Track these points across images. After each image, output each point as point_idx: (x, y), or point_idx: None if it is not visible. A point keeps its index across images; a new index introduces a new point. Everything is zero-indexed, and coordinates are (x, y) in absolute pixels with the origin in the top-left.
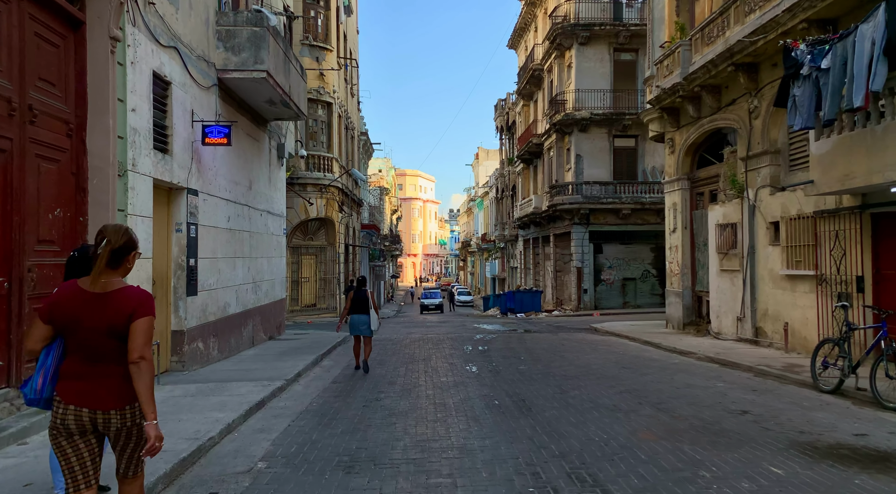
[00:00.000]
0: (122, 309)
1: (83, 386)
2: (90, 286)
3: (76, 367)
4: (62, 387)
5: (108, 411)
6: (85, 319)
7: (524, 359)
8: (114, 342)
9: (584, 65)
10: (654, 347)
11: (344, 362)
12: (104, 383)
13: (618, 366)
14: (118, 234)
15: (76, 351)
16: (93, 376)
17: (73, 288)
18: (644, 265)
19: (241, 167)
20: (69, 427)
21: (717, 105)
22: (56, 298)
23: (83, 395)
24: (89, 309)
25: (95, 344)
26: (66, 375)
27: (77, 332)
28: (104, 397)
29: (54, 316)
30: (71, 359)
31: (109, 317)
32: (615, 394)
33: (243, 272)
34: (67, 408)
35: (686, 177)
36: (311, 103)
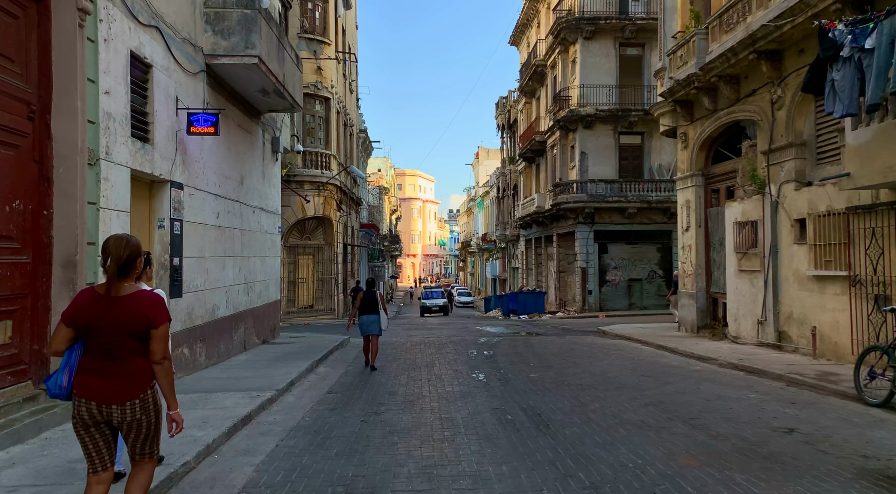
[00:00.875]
0: (136, 312)
1: (96, 382)
2: (103, 291)
3: (91, 364)
4: (78, 382)
5: (112, 405)
6: (102, 322)
7: (534, 366)
8: (128, 342)
9: (589, 60)
10: (670, 352)
11: (341, 368)
12: (114, 380)
13: (636, 374)
14: (119, 249)
15: (93, 349)
16: (105, 373)
17: (90, 294)
18: (650, 265)
19: (232, 160)
20: (84, 418)
21: (736, 96)
22: (76, 304)
23: (95, 391)
24: (105, 311)
25: (110, 344)
26: (82, 371)
27: (95, 333)
28: (112, 393)
29: (76, 319)
30: (87, 357)
31: (124, 320)
32: (640, 407)
33: (234, 272)
34: (81, 401)
35: (700, 173)
36: (308, 98)
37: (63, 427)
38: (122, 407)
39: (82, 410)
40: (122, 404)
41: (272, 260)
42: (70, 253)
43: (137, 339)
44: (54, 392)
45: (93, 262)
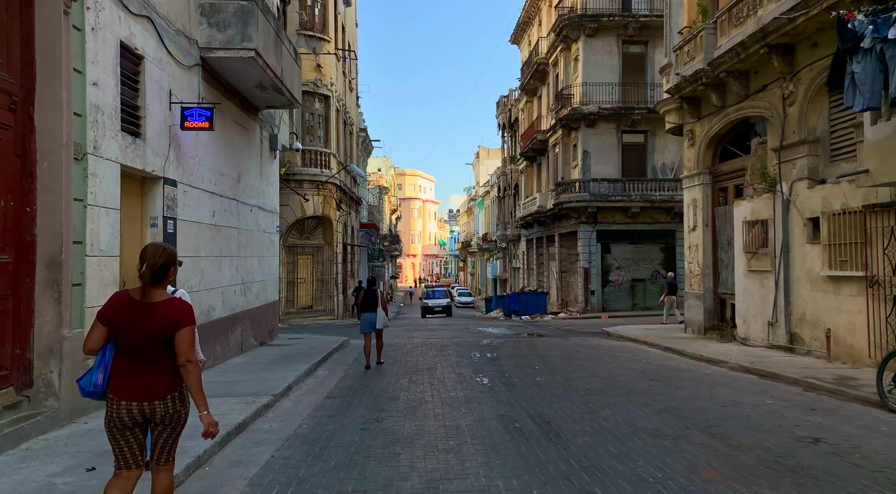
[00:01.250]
0: (166, 318)
1: (132, 383)
2: (138, 297)
3: (125, 368)
4: (114, 386)
5: (155, 401)
6: (134, 325)
7: (539, 369)
8: (158, 345)
9: (592, 58)
10: (678, 354)
11: (341, 371)
12: (150, 379)
13: (646, 378)
14: (156, 256)
15: (125, 352)
16: (140, 374)
17: (125, 297)
18: (654, 265)
19: (229, 157)
20: (123, 420)
21: (745, 92)
22: (110, 305)
23: (133, 391)
24: (138, 316)
25: (142, 346)
26: (117, 375)
27: (127, 336)
28: (150, 390)
29: (110, 320)
30: (120, 360)
31: (155, 325)
32: (653, 414)
33: (230, 272)
34: (120, 404)
35: (707, 171)
36: (307, 96)
37: (46, 437)
38: (164, 400)
39: (122, 412)
40: (163, 398)
41: (270, 259)
42: (55, 253)
43: (166, 343)
44: (88, 390)
45: (79, 263)
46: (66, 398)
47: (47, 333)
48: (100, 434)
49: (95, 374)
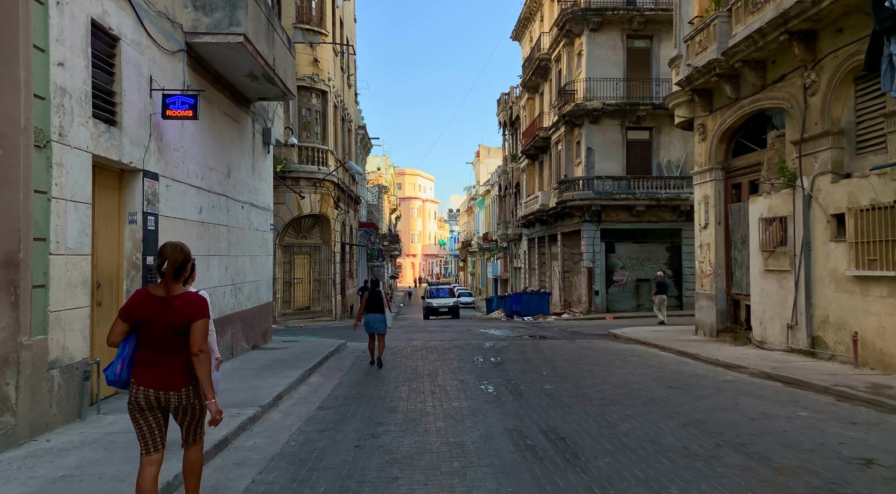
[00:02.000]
0: (183, 311)
1: (152, 372)
2: (158, 292)
3: (146, 356)
4: (136, 373)
5: (170, 391)
6: (154, 318)
7: (547, 375)
8: (176, 337)
9: (596, 52)
10: (692, 358)
11: (336, 378)
12: (168, 370)
13: (662, 385)
14: (175, 254)
15: (146, 343)
16: (159, 364)
17: (145, 294)
18: (659, 265)
19: (218, 151)
20: (140, 403)
21: (762, 83)
22: (132, 302)
23: (152, 379)
24: (157, 310)
25: (161, 337)
26: (139, 363)
27: (147, 328)
28: (168, 380)
29: (131, 315)
30: (142, 350)
31: (173, 317)
32: (678, 429)
33: (220, 272)
34: (139, 389)
35: (720, 167)
36: (304, 91)
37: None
38: (179, 392)
39: (139, 396)
40: (178, 390)
41: (264, 259)
42: (11, 251)
43: (182, 334)
44: (112, 379)
45: (42, 262)
46: (24, 413)
47: (2, 341)
48: (62, 454)
49: (116, 365)
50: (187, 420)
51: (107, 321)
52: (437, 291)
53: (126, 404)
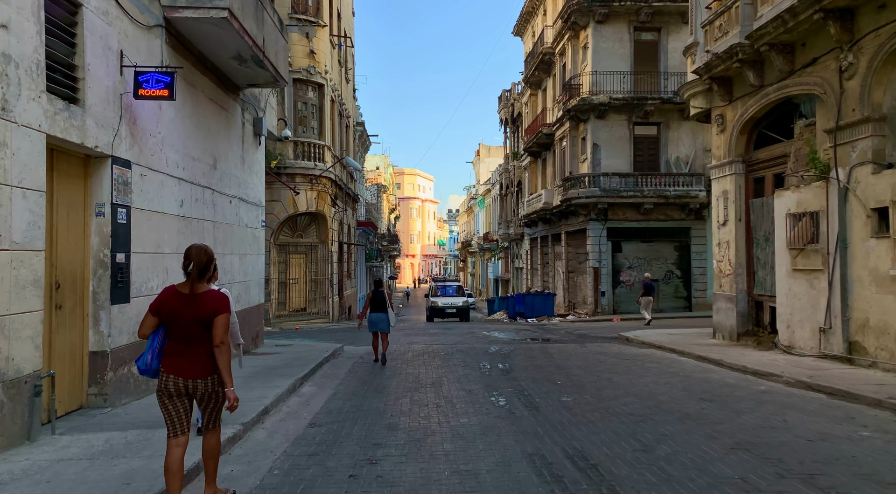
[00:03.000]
0: (207, 307)
1: (179, 361)
2: (186, 290)
3: (174, 348)
4: (165, 362)
5: (197, 379)
6: (181, 313)
7: (562, 384)
8: (201, 330)
9: (602, 45)
10: (716, 365)
11: (330, 387)
12: (194, 360)
13: (692, 397)
14: (200, 255)
15: (174, 336)
16: (186, 354)
17: (173, 291)
18: (667, 265)
19: (202, 139)
20: (169, 390)
21: (790, 68)
22: (161, 298)
23: (179, 368)
24: (184, 306)
25: (187, 331)
26: (167, 353)
27: (175, 322)
28: (193, 369)
29: (160, 310)
30: (171, 342)
31: (198, 312)
32: (727, 453)
33: None
34: (168, 377)
35: (741, 160)
36: (300, 84)
37: None
38: (205, 380)
39: (168, 383)
40: (204, 378)
41: (254, 258)
42: None
43: (206, 327)
44: (143, 369)
45: None
46: None
47: None
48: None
49: (146, 356)
50: (209, 407)
51: (69, 326)
52: (444, 289)
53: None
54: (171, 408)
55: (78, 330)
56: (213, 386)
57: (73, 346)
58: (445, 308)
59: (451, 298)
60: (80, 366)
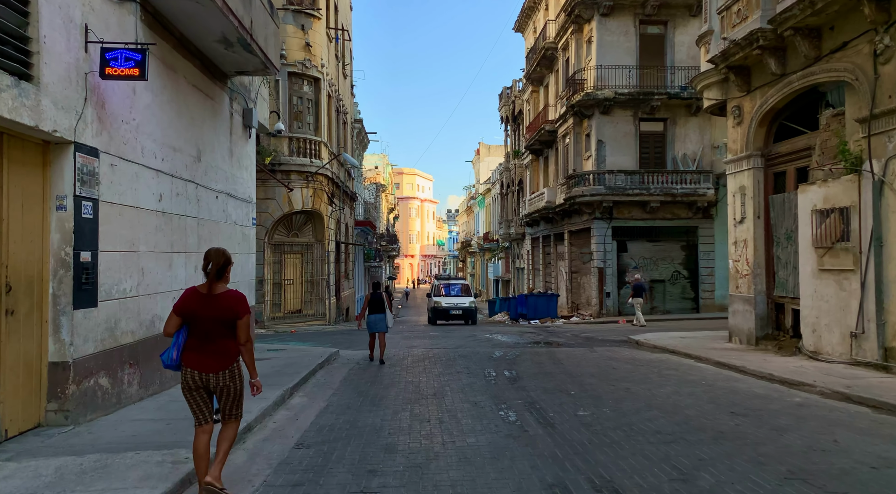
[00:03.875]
0: (227, 307)
1: (199, 357)
2: (205, 290)
3: (194, 344)
4: (185, 357)
5: (210, 373)
6: (201, 312)
7: (576, 395)
8: (220, 328)
9: (607, 38)
10: (738, 372)
11: (323, 398)
12: (212, 356)
13: (722, 410)
14: (218, 257)
15: (195, 334)
16: (205, 351)
17: (194, 292)
18: (674, 265)
19: (184, 129)
20: (189, 383)
21: (816, 53)
22: (183, 299)
23: (198, 363)
24: (204, 305)
25: (207, 329)
26: (188, 349)
27: (196, 321)
28: (211, 364)
29: (183, 310)
30: (191, 339)
31: (218, 311)
32: (782, 485)
33: (187, 272)
34: (188, 371)
35: (759, 154)
36: (295, 78)
37: None
38: (217, 374)
39: (188, 377)
40: (216, 372)
41: (244, 257)
42: None
43: (227, 326)
44: (167, 363)
45: None
46: None
47: None
48: None
49: (171, 351)
50: (225, 399)
51: (23, 334)
52: (448, 288)
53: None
54: (193, 400)
55: (35, 338)
56: (225, 380)
57: (29, 357)
58: (450, 309)
59: (456, 298)
60: (37, 379)
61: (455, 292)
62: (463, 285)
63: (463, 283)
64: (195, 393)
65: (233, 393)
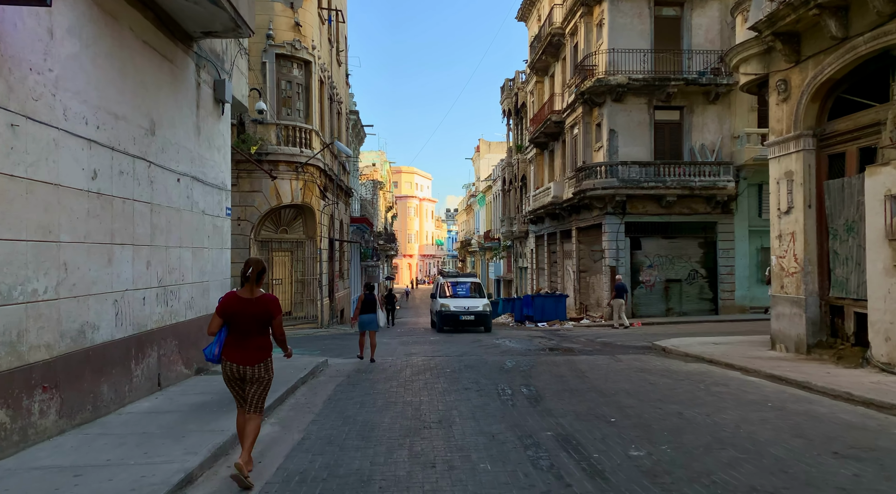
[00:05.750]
0: (263, 308)
1: (237, 351)
2: (245, 294)
3: (234, 341)
4: (226, 352)
5: (247, 366)
6: (241, 313)
7: (618, 422)
8: (255, 325)
9: (619, 21)
10: (803, 389)
11: (300, 425)
12: (248, 350)
13: (815, 447)
14: (258, 265)
15: (234, 331)
16: (242, 347)
17: (234, 296)
18: (691, 264)
19: (132, 93)
20: (228, 374)
21: (891, 9)
22: (225, 302)
23: (236, 357)
24: (244, 307)
25: (246, 328)
26: (228, 346)
27: (235, 321)
28: (247, 358)
29: (225, 312)
30: (231, 337)
31: (256, 313)
32: None
33: (135, 270)
34: (227, 364)
35: (811, 133)
36: (283, 60)
37: None
38: (254, 367)
39: (228, 369)
40: (253, 365)
41: (216, 253)
42: None
43: (263, 325)
44: (209, 357)
45: None
46: None
47: None
48: None
49: (214, 347)
50: (256, 388)
51: None
52: (456, 286)
53: None
54: (233, 389)
55: None
56: (259, 372)
57: None
58: (460, 314)
59: (467, 300)
60: None
61: (465, 292)
62: (474, 283)
63: (474, 281)
64: (233, 384)
65: (265, 383)
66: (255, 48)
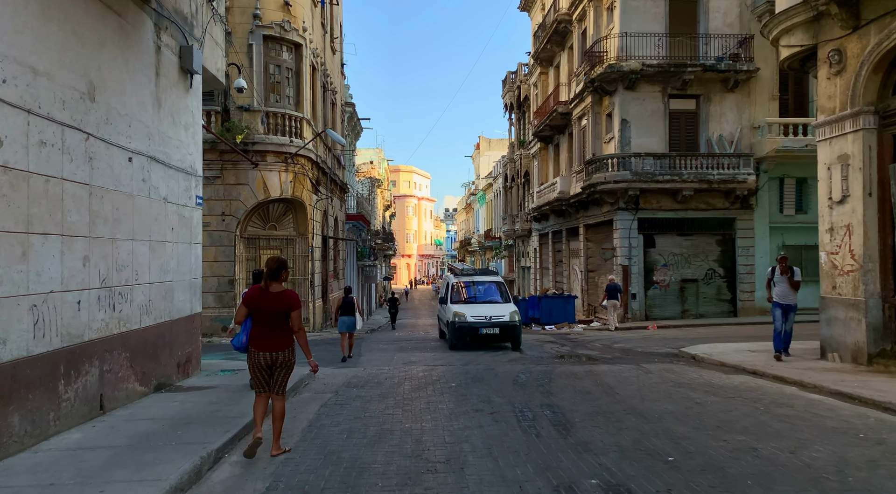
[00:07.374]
0: (284, 302)
1: (264, 341)
2: (270, 288)
3: (259, 332)
4: (253, 343)
5: (276, 352)
6: (265, 306)
7: (678, 463)
8: (279, 318)
9: (632, 3)
10: (887, 412)
11: (270, 467)
12: (274, 339)
13: None
14: (274, 263)
15: (259, 323)
16: (268, 336)
17: (259, 289)
18: (708, 263)
19: (61, 46)
20: (259, 363)
21: None
22: (250, 294)
23: (264, 345)
24: (267, 301)
25: (270, 319)
26: (254, 336)
27: (260, 313)
28: (274, 345)
29: (249, 304)
30: (256, 328)
31: (278, 305)
32: None
33: (66, 266)
34: (255, 353)
35: (872, 110)
36: (272, 42)
37: None
38: (282, 352)
39: (256, 358)
40: (281, 350)
41: (181, 248)
42: None
43: (283, 317)
44: (237, 346)
45: None
46: None
47: None
48: None
49: (241, 336)
50: (281, 374)
51: None
52: (471, 287)
53: None
54: (259, 376)
55: None
56: (286, 356)
57: None
58: (480, 326)
59: (488, 306)
60: None
61: (485, 296)
62: (497, 284)
63: (496, 280)
64: (262, 371)
65: (290, 366)
66: (241, 29)
